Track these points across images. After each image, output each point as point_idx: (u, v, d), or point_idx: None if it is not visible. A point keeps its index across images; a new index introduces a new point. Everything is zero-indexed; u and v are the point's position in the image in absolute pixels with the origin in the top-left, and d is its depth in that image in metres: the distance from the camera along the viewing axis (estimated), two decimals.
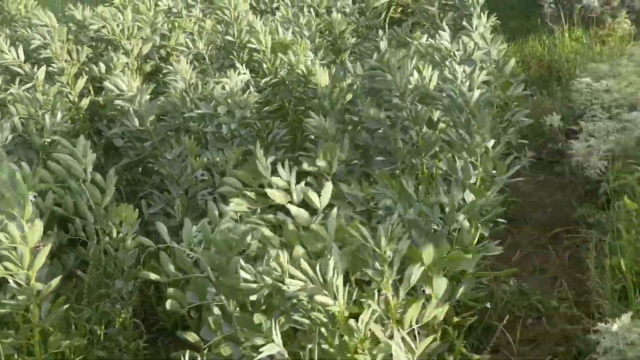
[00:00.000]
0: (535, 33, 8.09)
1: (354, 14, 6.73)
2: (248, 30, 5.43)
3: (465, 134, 3.68)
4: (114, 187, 3.45)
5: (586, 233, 4.05)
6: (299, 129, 4.94)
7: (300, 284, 2.56)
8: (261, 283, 2.61)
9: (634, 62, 5.76)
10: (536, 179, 5.21)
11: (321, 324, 2.65)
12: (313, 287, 2.57)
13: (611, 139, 4.46)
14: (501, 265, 4.08)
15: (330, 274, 2.57)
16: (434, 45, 4.63)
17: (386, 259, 2.65)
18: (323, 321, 2.64)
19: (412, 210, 3.30)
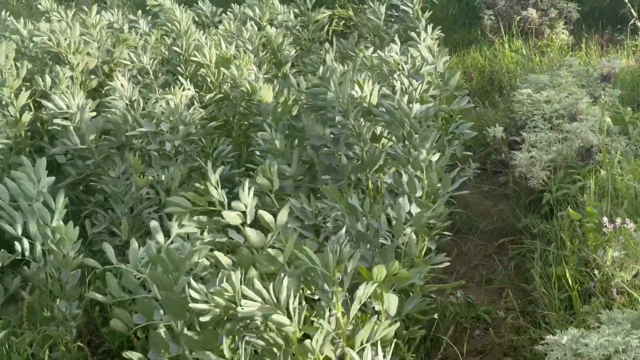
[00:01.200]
0: (476, 45, 8.19)
1: (296, 27, 6.75)
2: (195, 44, 5.40)
3: (411, 148, 3.70)
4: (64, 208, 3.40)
5: (531, 243, 4.10)
6: (244, 144, 4.92)
7: (255, 305, 2.54)
8: (212, 304, 2.58)
9: (573, 73, 5.87)
10: (481, 190, 5.27)
11: (275, 345, 2.63)
12: (268, 308, 2.55)
13: (553, 150, 4.53)
14: (449, 277, 4.12)
15: (284, 295, 2.55)
16: (382, 58, 4.65)
17: (335, 281, 2.64)
18: (277, 342, 2.62)
19: (360, 224, 3.31)
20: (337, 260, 2.62)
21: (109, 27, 6.27)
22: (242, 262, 2.93)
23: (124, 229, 3.95)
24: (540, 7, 8.14)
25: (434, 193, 3.69)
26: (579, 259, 3.64)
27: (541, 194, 4.40)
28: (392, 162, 3.89)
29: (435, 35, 5.50)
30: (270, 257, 2.85)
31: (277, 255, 2.83)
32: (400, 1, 6.11)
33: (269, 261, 2.86)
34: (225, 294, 2.54)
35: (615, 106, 5.20)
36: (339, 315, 2.69)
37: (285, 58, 6.12)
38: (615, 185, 3.99)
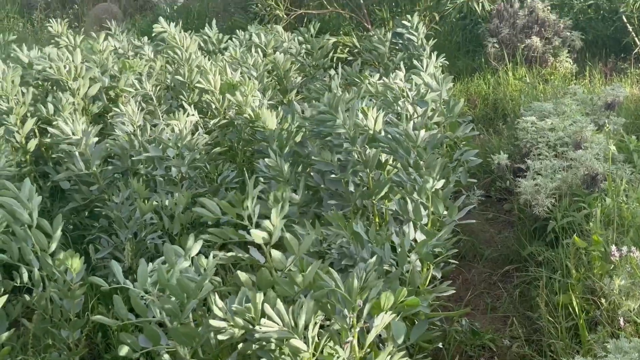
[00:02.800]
0: (480, 72, 8.23)
1: (301, 54, 6.78)
2: (198, 70, 5.42)
3: (416, 175, 3.70)
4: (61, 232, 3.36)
5: (536, 271, 4.08)
6: (248, 170, 4.92)
7: (275, 327, 2.54)
8: (231, 322, 2.57)
9: (577, 101, 5.87)
10: (485, 217, 5.26)
11: None
12: (286, 331, 2.55)
13: (558, 177, 4.52)
14: (453, 305, 4.10)
15: (302, 320, 2.55)
16: (387, 85, 4.66)
17: (356, 307, 2.64)
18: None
19: (364, 251, 3.30)
20: (361, 287, 2.62)
21: (115, 52, 6.30)
22: (262, 283, 2.92)
23: (127, 254, 3.94)
24: (544, 36, 8.18)
25: (439, 220, 3.68)
26: (585, 287, 3.62)
27: (546, 222, 4.38)
28: (397, 189, 3.88)
29: (439, 63, 5.51)
30: (291, 279, 2.84)
31: (298, 278, 2.82)
32: (405, 29, 6.12)
33: (289, 284, 2.85)
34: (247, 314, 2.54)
35: (620, 134, 5.20)
36: (354, 343, 2.69)
37: (291, 85, 6.14)
38: (620, 213, 3.98)
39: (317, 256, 3.52)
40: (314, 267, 2.82)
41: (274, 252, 3.03)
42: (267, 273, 2.97)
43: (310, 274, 2.82)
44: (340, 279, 2.67)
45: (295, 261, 3.01)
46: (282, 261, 3.03)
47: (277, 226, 3.05)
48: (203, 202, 3.16)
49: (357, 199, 3.94)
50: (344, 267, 3.31)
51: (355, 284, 2.63)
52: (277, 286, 2.87)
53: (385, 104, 4.54)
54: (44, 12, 13.73)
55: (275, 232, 3.05)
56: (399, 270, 3.22)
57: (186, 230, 4.15)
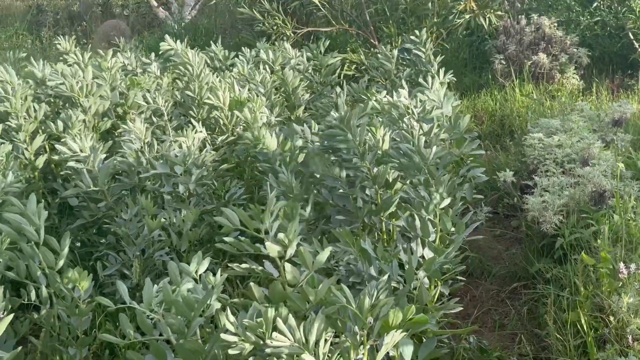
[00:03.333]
0: (487, 88, 8.24)
1: (308, 71, 6.80)
2: (207, 87, 5.44)
3: (425, 192, 3.70)
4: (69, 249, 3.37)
5: (544, 288, 4.07)
6: (255, 187, 4.93)
7: (286, 341, 2.54)
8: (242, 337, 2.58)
9: (584, 118, 5.87)
10: (492, 234, 5.25)
11: None
12: (297, 347, 2.55)
13: (565, 194, 4.51)
14: (461, 322, 4.09)
15: (314, 336, 2.55)
16: (392, 102, 4.67)
17: (367, 324, 2.64)
18: None
19: (372, 268, 3.30)
20: (373, 305, 2.62)
21: (123, 69, 6.33)
22: (275, 297, 2.92)
23: (135, 271, 3.95)
24: (551, 52, 8.21)
25: (447, 237, 3.68)
26: (593, 304, 3.61)
27: (554, 239, 4.37)
28: (405, 205, 3.88)
29: (447, 79, 5.52)
30: (303, 294, 2.84)
31: (310, 293, 2.82)
32: (413, 45, 6.14)
33: (302, 299, 2.85)
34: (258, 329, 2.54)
35: (628, 151, 5.20)
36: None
37: (299, 101, 6.16)
38: (629, 230, 3.97)
39: (324, 273, 3.52)
40: (327, 283, 2.83)
41: (289, 266, 3.03)
42: (280, 287, 2.97)
43: (323, 289, 2.82)
44: (352, 296, 2.68)
45: (308, 277, 3.01)
46: (296, 276, 3.03)
47: (292, 240, 3.05)
48: (224, 211, 3.16)
49: (365, 216, 3.94)
50: (352, 284, 3.30)
51: (367, 301, 2.64)
52: (289, 301, 2.87)
53: (390, 121, 4.55)
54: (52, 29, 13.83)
55: (291, 246, 3.05)
56: (407, 287, 3.22)
57: (194, 247, 4.16)
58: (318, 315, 2.67)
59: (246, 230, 3.13)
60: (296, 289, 2.98)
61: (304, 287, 2.91)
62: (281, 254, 3.03)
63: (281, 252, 3.02)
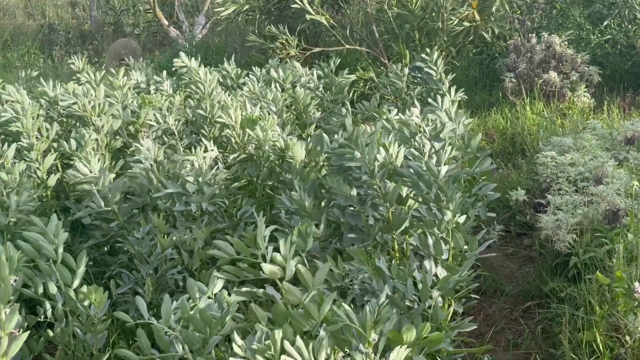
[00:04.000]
0: (497, 106, 8.24)
1: (319, 89, 6.82)
2: (219, 105, 5.46)
3: (436, 210, 3.69)
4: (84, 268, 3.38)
5: (558, 307, 4.05)
6: (267, 205, 4.93)
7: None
8: None
9: (596, 136, 5.86)
10: (505, 252, 5.23)
11: None
12: None
13: (579, 213, 4.50)
14: (475, 341, 4.07)
15: (323, 356, 2.54)
16: (403, 121, 4.67)
17: (370, 342, 2.63)
18: None
19: (387, 287, 3.29)
20: (375, 321, 2.61)
21: (135, 87, 6.36)
22: (278, 318, 2.92)
23: (148, 289, 3.95)
24: (562, 70, 8.20)
25: (460, 255, 3.67)
26: (609, 324, 3.59)
27: (567, 257, 4.35)
28: (417, 223, 3.88)
29: (458, 97, 5.53)
30: (307, 313, 2.83)
31: (314, 312, 2.81)
32: (424, 64, 6.16)
33: (305, 318, 2.84)
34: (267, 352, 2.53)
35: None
36: None
37: (310, 119, 6.17)
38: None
39: (339, 291, 3.52)
40: (329, 300, 2.82)
41: (288, 285, 3.03)
42: (283, 307, 2.96)
43: (326, 307, 2.81)
44: (353, 313, 2.66)
45: (311, 295, 3.00)
46: (296, 295, 3.02)
47: (288, 260, 3.05)
48: (217, 244, 3.17)
49: (377, 234, 3.93)
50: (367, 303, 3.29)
51: (369, 318, 2.62)
52: (293, 320, 2.87)
53: (402, 139, 4.55)
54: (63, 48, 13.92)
55: (288, 266, 3.05)
56: (421, 306, 3.21)
57: (206, 265, 4.15)
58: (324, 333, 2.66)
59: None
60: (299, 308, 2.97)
61: (307, 305, 2.90)
62: (280, 275, 3.03)
63: (280, 273, 3.03)
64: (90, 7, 15.37)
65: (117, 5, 16.24)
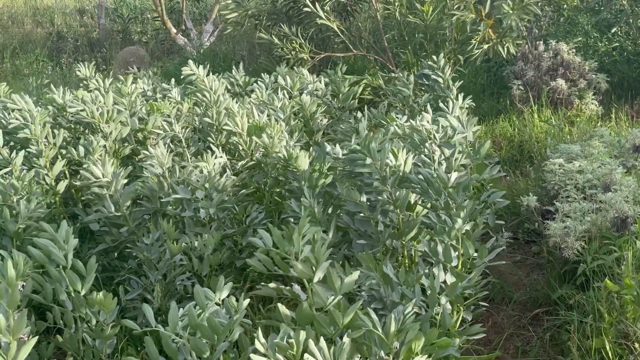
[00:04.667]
0: (505, 114, 8.24)
1: (326, 96, 6.84)
2: (226, 113, 5.47)
3: (446, 217, 3.69)
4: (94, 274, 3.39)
5: (566, 314, 4.04)
6: (275, 212, 4.94)
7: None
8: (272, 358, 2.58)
9: (604, 143, 5.85)
10: (513, 259, 5.22)
11: None
12: None
13: (587, 220, 4.49)
14: (484, 348, 4.06)
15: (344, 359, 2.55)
16: (414, 127, 4.68)
17: (392, 349, 2.64)
18: None
19: (394, 293, 3.29)
20: (399, 330, 2.62)
21: (143, 95, 6.39)
22: (302, 319, 2.92)
23: (157, 295, 3.96)
24: (569, 78, 8.20)
25: (469, 262, 3.67)
26: (618, 331, 3.58)
27: (576, 265, 4.34)
28: (427, 230, 3.88)
29: (465, 104, 5.53)
30: (331, 318, 2.84)
31: (338, 318, 2.82)
32: (431, 71, 6.16)
33: (330, 322, 2.84)
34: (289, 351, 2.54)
35: None
36: None
37: (317, 126, 6.18)
38: None
39: (347, 297, 3.52)
40: (354, 308, 2.83)
41: (318, 287, 3.03)
42: (308, 309, 2.96)
43: (350, 313, 2.82)
44: (378, 321, 2.68)
45: (337, 300, 3.00)
46: (324, 299, 3.02)
47: (321, 262, 3.05)
48: (260, 232, 3.16)
49: (387, 240, 3.93)
50: (375, 310, 3.29)
51: (393, 326, 2.63)
52: (316, 324, 2.87)
53: (412, 146, 4.56)
54: (72, 56, 13.96)
55: (320, 268, 3.05)
56: (429, 312, 3.21)
57: (215, 271, 4.16)
58: (346, 338, 2.67)
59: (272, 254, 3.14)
60: (323, 312, 2.98)
61: (331, 310, 2.90)
62: (310, 277, 3.03)
63: (310, 274, 3.02)
64: (99, 15, 15.42)
65: (125, 14, 16.29)
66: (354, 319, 2.82)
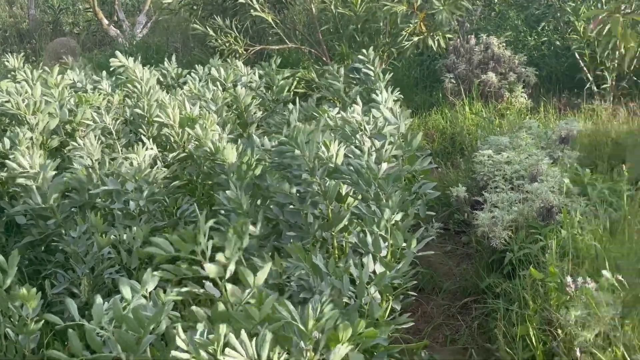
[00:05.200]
0: (437, 107, 8.34)
1: (260, 88, 6.82)
2: (157, 104, 5.41)
3: (376, 208, 3.72)
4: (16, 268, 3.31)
5: (494, 303, 4.11)
6: (207, 204, 4.90)
7: (239, 358, 2.52)
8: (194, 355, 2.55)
9: (532, 135, 5.98)
10: (444, 249, 5.29)
11: None
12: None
13: (514, 210, 4.58)
14: (413, 337, 4.11)
15: (266, 352, 2.53)
16: (345, 119, 4.70)
17: (312, 339, 2.63)
18: None
19: (324, 283, 3.30)
20: (317, 319, 2.61)
21: (72, 86, 6.27)
22: (217, 317, 2.89)
23: (84, 289, 3.89)
24: (500, 71, 8.33)
25: (399, 253, 3.70)
26: (542, 318, 3.65)
27: (503, 254, 4.42)
28: (357, 221, 3.90)
29: (394, 97, 5.57)
30: (247, 314, 2.82)
31: (254, 312, 2.80)
32: (362, 64, 6.19)
33: (246, 318, 2.82)
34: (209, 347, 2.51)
35: (574, 168, 5.29)
36: None
37: (251, 118, 6.16)
38: (575, 245, 4.03)
39: (276, 288, 3.52)
40: (270, 301, 2.81)
41: (229, 285, 3.00)
42: (222, 307, 2.94)
43: (267, 307, 2.81)
44: (295, 311, 2.67)
45: (252, 294, 2.98)
46: (237, 294, 3.00)
47: (231, 259, 3.02)
48: (155, 242, 3.12)
49: (317, 231, 3.94)
50: (303, 300, 3.30)
51: (311, 316, 2.63)
52: (232, 320, 2.85)
53: (343, 137, 4.58)
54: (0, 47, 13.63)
55: (230, 265, 3.01)
56: (357, 302, 3.23)
57: (144, 264, 4.11)
58: (264, 331, 2.66)
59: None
60: (239, 308, 2.96)
61: (246, 307, 2.89)
62: (221, 274, 3.00)
63: (220, 272, 2.99)
64: (29, 6, 15.08)
65: (56, 4, 15.96)
66: (274, 311, 2.80)
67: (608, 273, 3.45)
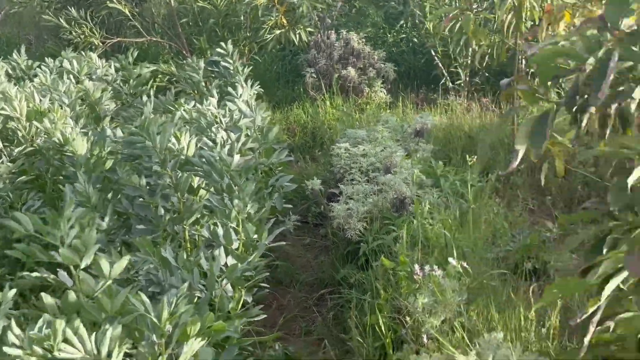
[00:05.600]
0: (299, 101, 8.37)
1: (117, 81, 6.64)
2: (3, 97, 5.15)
3: (228, 200, 3.68)
4: None
5: (348, 293, 4.15)
6: (58, 199, 4.72)
7: (76, 354, 2.41)
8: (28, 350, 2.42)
9: (389, 128, 6.09)
10: (302, 242, 5.32)
11: None
12: (88, 359, 2.43)
13: (369, 201, 4.64)
14: (268, 330, 4.09)
15: (106, 347, 2.44)
16: (200, 111, 4.64)
17: (165, 333, 2.56)
18: None
19: (174, 277, 3.23)
20: (171, 312, 2.55)
21: None
22: (68, 307, 2.77)
23: None
24: (359, 67, 8.45)
25: (251, 245, 3.67)
26: (393, 307, 3.71)
27: (358, 245, 4.48)
28: (210, 214, 3.85)
29: (254, 91, 5.55)
30: (99, 305, 2.71)
31: (107, 304, 2.70)
32: (220, 58, 6.13)
33: (98, 310, 2.72)
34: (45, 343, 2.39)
35: (429, 160, 5.42)
36: None
37: (104, 112, 5.98)
38: (426, 234, 4.13)
39: (125, 283, 3.41)
40: (124, 293, 2.72)
41: (84, 274, 2.89)
42: (74, 297, 2.83)
43: (120, 299, 2.72)
44: (150, 304, 2.60)
45: (106, 286, 2.88)
46: (91, 285, 2.89)
47: (88, 249, 2.91)
48: (15, 215, 2.97)
49: (168, 225, 3.86)
50: (152, 294, 3.22)
51: (166, 309, 2.57)
52: (83, 311, 2.74)
53: (198, 130, 4.51)
54: None
55: (87, 254, 2.91)
56: (207, 295, 3.18)
57: None
58: (113, 325, 2.57)
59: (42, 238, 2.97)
60: (91, 299, 2.86)
61: (99, 296, 2.79)
62: (76, 263, 2.89)
63: (76, 260, 2.88)
64: None
65: None
66: (127, 304, 2.72)
67: (454, 261, 3.55)
